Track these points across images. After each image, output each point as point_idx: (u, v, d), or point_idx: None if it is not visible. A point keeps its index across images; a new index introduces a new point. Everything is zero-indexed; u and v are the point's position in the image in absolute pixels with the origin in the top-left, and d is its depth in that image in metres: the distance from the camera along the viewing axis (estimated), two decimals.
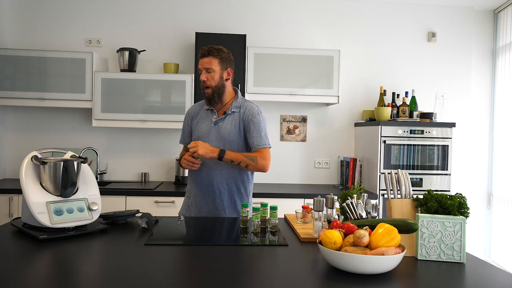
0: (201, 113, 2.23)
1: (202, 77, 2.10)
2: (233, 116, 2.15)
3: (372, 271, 1.21)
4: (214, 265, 1.34)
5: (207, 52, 2.09)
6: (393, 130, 3.34)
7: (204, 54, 2.09)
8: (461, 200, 1.48)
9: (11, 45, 3.61)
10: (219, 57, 2.10)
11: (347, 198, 1.67)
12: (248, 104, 2.18)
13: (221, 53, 2.11)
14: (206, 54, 2.09)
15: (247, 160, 2.06)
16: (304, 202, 3.20)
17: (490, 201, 3.96)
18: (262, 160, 2.08)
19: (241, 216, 1.80)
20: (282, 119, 3.83)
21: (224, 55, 2.11)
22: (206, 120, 2.18)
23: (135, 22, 3.72)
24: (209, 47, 2.10)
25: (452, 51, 3.91)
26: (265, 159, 2.09)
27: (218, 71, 2.10)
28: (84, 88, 3.34)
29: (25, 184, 1.59)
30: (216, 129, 2.13)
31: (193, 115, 2.25)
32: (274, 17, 3.81)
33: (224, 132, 2.12)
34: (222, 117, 2.15)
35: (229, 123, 2.13)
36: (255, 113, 2.14)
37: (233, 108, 2.15)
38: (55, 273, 1.25)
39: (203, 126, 2.17)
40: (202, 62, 2.10)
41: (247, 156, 2.06)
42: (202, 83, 2.11)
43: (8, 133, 3.65)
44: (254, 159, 2.07)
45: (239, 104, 2.17)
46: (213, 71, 2.09)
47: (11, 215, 3.07)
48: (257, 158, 2.07)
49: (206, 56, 2.09)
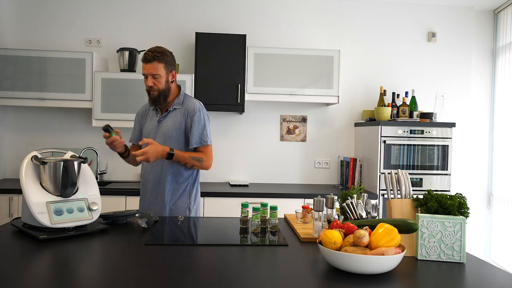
0: (148, 112, 2.30)
1: (148, 83, 2.12)
2: (175, 113, 2.20)
3: (372, 271, 1.21)
4: (214, 265, 1.34)
5: (152, 58, 2.08)
6: (393, 130, 3.34)
7: (149, 60, 2.08)
8: (461, 200, 1.48)
9: (11, 45, 3.60)
10: (164, 62, 2.11)
11: (347, 198, 1.67)
12: (190, 101, 2.24)
13: (166, 57, 2.12)
14: (150, 59, 2.08)
15: (193, 161, 2.14)
16: (304, 202, 3.20)
17: (490, 201, 3.96)
18: (207, 161, 2.18)
19: (241, 216, 1.80)
20: (282, 119, 3.83)
21: (168, 59, 2.14)
22: (152, 119, 2.26)
23: (135, 22, 3.72)
24: (153, 53, 2.09)
25: (452, 51, 3.91)
26: (209, 159, 2.20)
27: (164, 75, 2.13)
28: (84, 88, 3.34)
29: (25, 184, 1.59)
30: (159, 126, 2.20)
31: (142, 115, 2.33)
32: (274, 17, 3.81)
33: (165, 128, 2.18)
34: (164, 115, 2.21)
35: (170, 119, 2.19)
36: (196, 109, 2.20)
37: (175, 105, 2.21)
38: (55, 273, 1.25)
39: (149, 125, 2.25)
40: (147, 68, 2.10)
41: (194, 157, 2.14)
42: (149, 88, 2.13)
43: (8, 133, 3.65)
44: (200, 160, 2.16)
45: (180, 101, 2.22)
46: (159, 76, 2.11)
47: (11, 215, 3.06)
48: (203, 159, 2.16)
49: (151, 62, 2.09)
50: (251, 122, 3.81)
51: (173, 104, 2.21)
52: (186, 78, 3.39)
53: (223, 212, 3.10)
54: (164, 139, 2.16)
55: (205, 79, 3.38)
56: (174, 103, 2.21)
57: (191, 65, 3.70)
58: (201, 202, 3.14)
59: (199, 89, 3.38)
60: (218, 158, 3.77)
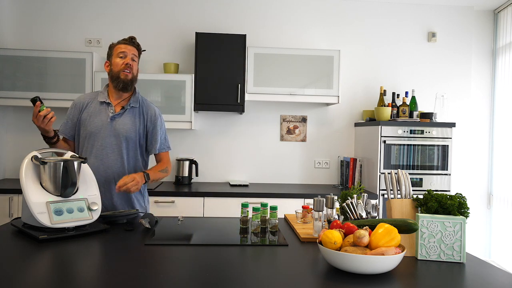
0: (93, 106, 2.07)
1: (127, 60, 2.02)
2: (132, 112, 2.08)
3: (372, 271, 1.21)
4: (214, 265, 1.34)
5: (136, 43, 2.10)
6: (393, 130, 3.34)
7: (133, 43, 2.09)
8: (461, 200, 1.48)
9: (11, 45, 3.60)
10: (139, 52, 2.13)
11: (347, 198, 1.67)
12: (149, 103, 2.17)
13: (140, 49, 2.14)
14: (134, 43, 2.09)
15: (163, 174, 2.14)
16: (304, 202, 3.20)
17: (490, 201, 3.96)
18: (169, 167, 2.21)
19: (241, 216, 1.80)
20: (282, 119, 3.83)
21: (141, 52, 2.15)
22: (100, 114, 2.05)
23: (135, 22, 3.72)
24: (135, 39, 2.11)
25: (452, 51, 3.91)
26: (170, 165, 2.22)
27: (137, 63, 2.11)
28: (84, 88, 3.34)
29: (25, 184, 1.59)
30: (113, 124, 2.03)
31: (82, 107, 2.08)
32: (274, 17, 3.81)
33: (122, 128, 2.04)
34: (120, 112, 2.05)
35: (128, 119, 2.06)
36: (157, 114, 2.15)
37: (132, 103, 2.08)
38: (55, 273, 1.24)
39: (97, 121, 2.04)
40: (128, 48, 2.05)
41: (162, 170, 2.13)
42: (125, 67, 2.02)
43: (8, 133, 3.65)
44: (166, 170, 2.17)
45: (137, 100, 2.12)
46: (136, 62, 2.10)
47: (11, 215, 3.06)
48: (167, 168, 2.17)
49: (132, 46, 2.09)
50: (251, 122, 3.81)
51: (130, 101, 2.08)
52: (186, 78, 3.39)
53: (223, 212, 3.10)
54: (119, 140, 2.03)
55: (205, 79, 3.38)
56: (131, 101, 2.08)
57: (191, 65, 3.70)
58: (199, 201, 3.15)
59: (199, 89, 3.38)
60: (218, 158, 3.78)
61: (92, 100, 2.10)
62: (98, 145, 2.04)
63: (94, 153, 2.03)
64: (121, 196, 2.07)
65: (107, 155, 2.03)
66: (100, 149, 2.04)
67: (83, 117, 2.07)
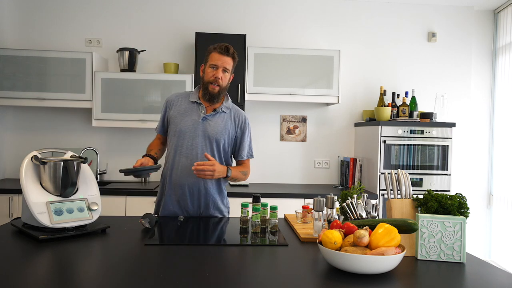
0: (184, 105, 2.07)
1: (217, 74, 1.98)
2: (223, 116, 2.07)
3: (372, 271, 1.21)
4: (214, 265, 1.34)
5: (231, 53, 2.01)
6: (393, 130, 3.34)
7: (229, 53, 2.00)
8: (461, 200, 1.48)
9: (11, 45, 3.60)
10: (235, 62, 2.05)
11: (347, 198, 1.67)
12: (238, 109, 2.16)
13: (236, 57, 2.06)
14: (230, 54, 2.00)
15: (242, 176, 2.11)
16: (304, 202, 3.20)
17: (490, 201, 3.96)
18: (249, 174, 2.17)
19: (241, 216, 1.80)
20: (282, 119, 3.83)
21: (236, 60, 2.07)
22: (192, 113, 2.04)
23: (135, 22, 3.72)
24: (232, 48, 2.01)
25: (452, 51, 3.91)
26: (250, 172, 2.19)
27: (230, 74, 2.07)
28: (84, 88, 3.34)
29: (25, 184, 1.59)
30: (204, 125, 2.02)
31: (171, 104, 2.09)
32: (274, 17, 3.81)
33: (213, 130, 2.02)
34: (212, 114, 2.04)
35: (219, 121, 2.05)
36: (247, 121, 2.14)
37: (223, 107, 2.08)
38: (55, 273, 1.25)
39: (188, 120, 2.02)
40: (222, 60, 1.98)
41: (243, 172, 2.11)
42: (214, 80, 1.99)
43: (8, 133, 3.65)
44: (247, 173, 2.14)
45: (229, 106, 2.11)
46: (228, 72, 2.04)
47: (11, 215, 3.06)
48: (247, 172, 2.14)
49: (228, 56, 2.00)
50: (251, 122, 3.77)
51: (221, 106, 2.07)
52: (186, 78, 3.39)
53: None
54: (210, 141, 2.01)
55: None
56: (222, 105, 2.07)
57: (191, 65, 3.70)
58: None
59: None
60: None
61: (183, 98, 2.10)
62: (188, 145, 2.01)
63: (184, 152, 2.01)
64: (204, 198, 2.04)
65: (196, 156, 2.00)
66: (190, 149, 2.01)
67: (172, 114, 2.07)
